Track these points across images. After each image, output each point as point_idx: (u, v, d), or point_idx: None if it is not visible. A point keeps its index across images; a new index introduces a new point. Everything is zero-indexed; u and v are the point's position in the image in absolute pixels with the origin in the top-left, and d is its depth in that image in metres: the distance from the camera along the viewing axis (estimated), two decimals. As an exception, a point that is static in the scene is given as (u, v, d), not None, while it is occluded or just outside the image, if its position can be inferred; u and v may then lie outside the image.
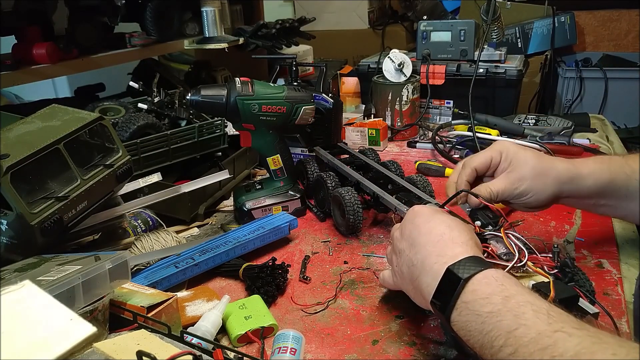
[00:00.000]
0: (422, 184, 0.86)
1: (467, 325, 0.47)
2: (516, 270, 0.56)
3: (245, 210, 0.91)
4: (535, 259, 0.57)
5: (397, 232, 0.61)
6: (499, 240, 0.59)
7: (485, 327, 0.44)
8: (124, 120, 0.96)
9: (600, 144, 1.23)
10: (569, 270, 0.56)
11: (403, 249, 0.58)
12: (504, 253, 0.58)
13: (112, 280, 0.56)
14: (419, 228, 0.57)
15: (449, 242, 0.53)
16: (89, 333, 0.43)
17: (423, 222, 0.57)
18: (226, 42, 1.34)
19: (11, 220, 0.62)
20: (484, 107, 1.38)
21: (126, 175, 0.77)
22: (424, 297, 0.53)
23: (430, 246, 0.54)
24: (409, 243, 0.57)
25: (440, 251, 0.53)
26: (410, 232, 0.58)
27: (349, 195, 0.82)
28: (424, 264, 0.53)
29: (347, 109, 1.57)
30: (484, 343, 0.45)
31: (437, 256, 0.52)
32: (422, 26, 1.47)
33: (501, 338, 0.43)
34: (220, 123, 1.05)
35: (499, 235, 0.59)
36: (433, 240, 0.54)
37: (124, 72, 1.48)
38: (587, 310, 0.52)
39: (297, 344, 0.56)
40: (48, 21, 1.05)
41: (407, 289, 0.58)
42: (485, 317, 0.45)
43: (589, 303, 0.53)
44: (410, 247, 0.57)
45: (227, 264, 0.75)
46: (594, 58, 2.39)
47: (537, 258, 0.57)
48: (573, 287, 0.54)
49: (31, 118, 0.73)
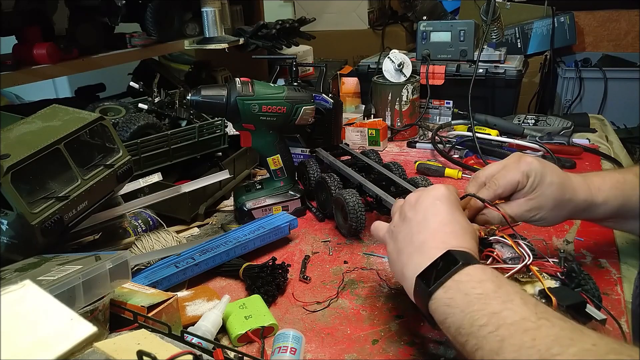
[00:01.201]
0: (424, 186, 0.86)
1: (450, 302, 0.46)
2: (522, 276, 0.54)
3: (246, 210, 0.91)
4: (542, 265, 0.56)
5: (414, 197, 0.59)
6: (504, 244, 0.58)
7: (470, 307, 0.45)
8: (125, 120, 0.96)
9: (599, 144, 1.23)
10: (576, 275, 0.55)
11: (411, 218, 0.57)
12: (509, 258, 0.56)
13: (113, 280, 0.56)
14: (438, 210, 0.56)
15: (459, 236, 0.53)
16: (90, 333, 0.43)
17: (444, 208, 0.56)
18: (226, 43, 1.34)
19: (12, 220, 0.62)
20: (483, 107, 1.38)
21: (126, 175, 0.77)
22: (407, 269, 0.53)
23: (440, 233, 0.53)
24: (421, 217, 0.56)
25: (446, 239, 0.52)
26: (427, 208, 0.56)
27: (352, 199, 0.81)
28: (422, 245, 0.53)
29: (347, 109, 1.58)
30: (464, 323, 0.45)
31: (441, 242, 0.52)
32: (422, 26, 1.47)
33: (484, 318, 0.43)
34: (221, 123, 1.05)
35: (504, 240, 0.58)
36: (445, 230, 0.54)
37: (124, 72, 1.48)
38: (594, 316, 0.51)
39: (297, 344, 0.56)
40: (48, 21, 1.05)
41: (392, 251, 0.58)
42: (473, 297, 0.45)
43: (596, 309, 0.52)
44: (418, 222, 0.55)
45: (228, 263, 0.75)
46: (594, 58, 2.39)
47: (544, 264, 0.56)
48: (580, 292, 0.53)
49: (32, 118, 0.73)
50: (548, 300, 0.50)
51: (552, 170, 0.63)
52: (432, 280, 0.49)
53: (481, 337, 0.43)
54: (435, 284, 0.48)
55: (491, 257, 0.57)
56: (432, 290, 0.48)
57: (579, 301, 0.51)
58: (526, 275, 0.55)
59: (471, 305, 0.45)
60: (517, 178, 0.62)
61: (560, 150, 1.14)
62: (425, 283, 0.49)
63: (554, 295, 0.51)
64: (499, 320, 0.42)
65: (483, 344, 0.42)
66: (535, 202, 0.62)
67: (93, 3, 1.12)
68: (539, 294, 0.52)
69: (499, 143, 1.17)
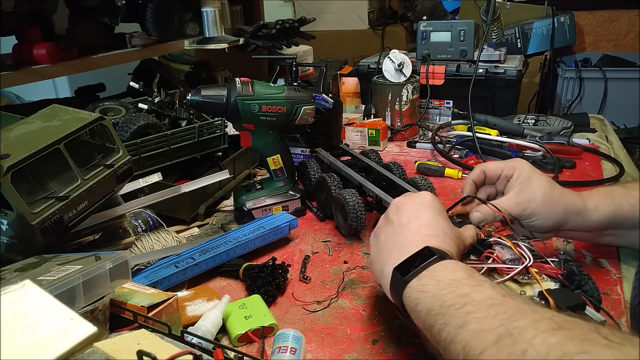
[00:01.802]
0: (425, 187, 0.86)
1: (423, 288, 0.48)
2: (522, 277, 0.54)
3: (246, 210, 0.91)
4: (541, 266, 0.56)
5: (400, 201, 0.61)
6: (504, 246, 0.58)
7: (441, 291, 0.46)
8: (125, 120, 0.96)
9: (599, 144, 1.23)
10: (576, 277, 0.55)
11: (394, 220, 0.58)
12: (509, 259, 0.56)
13: (113, 280, 0.56)
14: (421, 214, 0.57)
15: (440, 239, 0.54)
16: (90, 333, 0.43)
17: (427, 212, 0.57)
18: (226, 43, 1.34)
19: (12, 220, 0.62)
20: (483, 107, 1.38)
21: (126, 175, 0.77)
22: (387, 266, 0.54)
23: (420, 235, 0.54)
24: (404, 219, 0.57)
25: (426, 240, 0.53)
26: (409, 212, 0.58)
27: (352, 200, 0.82)
28: (403, 244, 0.54)
29: (347, 109, 1.58)
30: (434, 305, 0.46)
31: (421, 242, 0.53)
32: (422, 26, 1.47)
33: (453, 299, 0.44)
34: (221, 123, 1.06)
35: (503, 242, 0.58)
36: (426, 232, 0.55)
37: (124, 72, 1.48)
38: (593, 318, 0.51)
39: (297, 344, 0.56)
40: (48, 21, 1.05)
41: (373, 251, 0.59)
42: (445, 283, 0.47)
43: (595, 311, 0.52)
44: (400, 224, 0.57)
45: (227, 263, 0.75)
46: (594, 58, 2.39)
47: (543, 265, 0.56)
48: (579, 294, 0.53)
49: (32, 118, 0.73)
50: (547, 302, 0.50)
51: (542, 173, 0.66)
52: (408, 271, 0.50)
53: (448, 315, 0.44)
54: (411, 273, 0.49)
55: (491, 257, 0.57)
56: (408, 279, 0.49)
57: (578, 303, 0.51)
58: (526, 276, 0.55)
59: (442, 289, 0.46)
60: (502, 165, 0.67)
61: (560, 150, 1.14)
62: (401, 273, 0.51)
63: (552, 297, 0.51)
64: (467, 299, 0.44)
65: (450, 320, 0.43)
66: (525, 194, 0.64)
67: (93, 3, 1.12)
68: (538, 296, 0.52)
69: (499, 143, 1.17)
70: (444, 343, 0.43)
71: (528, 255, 0.55)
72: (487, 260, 0.57)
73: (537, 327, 0.38)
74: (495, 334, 0.39)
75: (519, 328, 0.38)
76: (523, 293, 0.53)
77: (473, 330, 0.41)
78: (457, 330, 0.42)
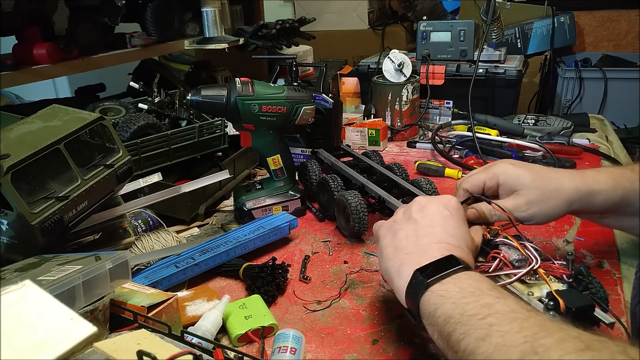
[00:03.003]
0: (428, 187, 0.85)
1: (444, 293, 0.47)
2: (529, 278, 0.54)
3: (246, 210, 0.91)
4: (549, 267, 0.55)
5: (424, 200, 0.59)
6: (510, 246, 0.58)
7: (464, 299, 0.45)
8: (125, 120, 0.96)
9: (599, 144, 1.23)
10: (584, 278, 0.54)
11: (417, 220, 0.57)
12: (516, 260, 0.56)
13: (113, 280, 0.56)
14: (447, 221, 0.56)
15: (462, 251, 0.53)
16: (90, 333, 0.43)
17: (452, 220, 0.56)
18: (226, 43, 1.34)
19: (12, 220, 0.62)
20: (483, 107, 1.38)
21: (127, 175, 0.77)
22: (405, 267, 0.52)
23: (445, 243, 0.53)
24: (428, 222, 0.56)
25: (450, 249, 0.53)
26: (435, 215, 0.56)
27: (354, 201, 0.81)
28: (426, 249, 0.53)
29: (347, 109, 1.57)
30: (454, 313, 0.44)
31: (446, 250, 0.52)
32: (422, 26, 1.47)
33: (476, 308, 0.43)
34: (221, 123, 1.05)
35: (510, 242, 0.58)
36: (451, 242, 0.54)
37: (124, 72, 1.48)
38: (602, 320, 0.50)
39: (297, 344, 0.56)
40: (48, 21, 1.05)
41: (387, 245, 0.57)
42: (467, 292, 0.46)
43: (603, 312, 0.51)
44: (424, 226, 0.56)
45: (227, 263, 0.75)
46: (594, 58, 2.39)
47: (551, 266, 0.55)
48: (587, 296, 0.52)
49: (32, 118, 0.73)
50: (556, 303, 0.50)
51: (526, 166, 0.65)
52: (432, 274, 0.49)
53: (469, 325, 0.43)
54: (436, 277, 0.48)
55: (498, 258, 0.56)
56: (431, 283, 0.48)
57: (588, 304, 0.50)
58: (533, 277, 0.54)
59: (464, 297, 0.45)
60: (482, 177, 0.65)
61: (560, 150, 1.14)
62: (424, 276, 0.49)
63: (561, 298, 0.50)
64: (490, 310, 0.43)
65: (470, 331, 0.42)
66: (521, 198, 0.62)
67: (93, 3, 1.12)
68: (546, 297, 0.52)
69: (499, 143, 1.17)
70: (463, 354, 0.42)
71: (535, 256, 0.55)
72: (493, 261, 0.57)
73: (563, 347, 0.37)
74: (519, 351, 0.38)
75: (544, 346, 0.37)
76: (530, 294, 0.53)
77: (496, 345, 0.40)
78: (478, 343, 0.41)
